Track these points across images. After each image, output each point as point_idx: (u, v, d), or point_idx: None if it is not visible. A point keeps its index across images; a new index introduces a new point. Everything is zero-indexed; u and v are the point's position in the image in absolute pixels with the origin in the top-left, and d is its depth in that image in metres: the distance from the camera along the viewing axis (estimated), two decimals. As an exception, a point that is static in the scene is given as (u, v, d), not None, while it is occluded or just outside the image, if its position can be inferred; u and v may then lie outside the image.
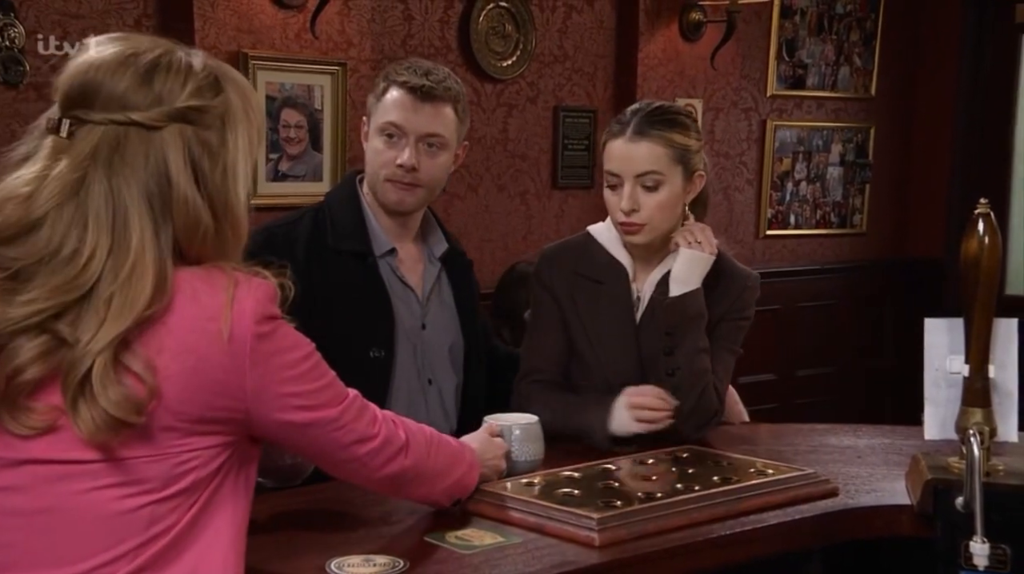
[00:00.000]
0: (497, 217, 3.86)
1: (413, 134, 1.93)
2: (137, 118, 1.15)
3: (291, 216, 2.07)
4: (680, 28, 4.13)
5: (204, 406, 1.14)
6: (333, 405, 1.26)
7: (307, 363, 1.23)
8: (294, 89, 3.39)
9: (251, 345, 1.15)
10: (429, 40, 3.69)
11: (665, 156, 1.92)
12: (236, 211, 1.21)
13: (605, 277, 2.02)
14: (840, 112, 4.70)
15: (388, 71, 1.99)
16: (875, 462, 1.83)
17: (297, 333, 1.23)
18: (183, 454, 1.14)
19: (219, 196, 1.19)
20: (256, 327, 1.16)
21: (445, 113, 1.95)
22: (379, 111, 1.96)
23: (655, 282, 2.00)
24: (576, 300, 2.02)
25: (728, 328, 2.00)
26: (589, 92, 4.04)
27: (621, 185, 1.93)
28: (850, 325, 4.74)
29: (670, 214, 1.95)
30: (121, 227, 1.13)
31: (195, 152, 1.17)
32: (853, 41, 4.67)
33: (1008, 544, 1.49)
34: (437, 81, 1.94)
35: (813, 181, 4.63)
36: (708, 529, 1.47)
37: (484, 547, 1.39)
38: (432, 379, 2.02)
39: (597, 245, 2.04)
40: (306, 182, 3.43)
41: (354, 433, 1.28)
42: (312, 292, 1.91)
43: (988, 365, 1.59)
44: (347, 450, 1.29)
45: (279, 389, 1.19)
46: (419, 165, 1.94)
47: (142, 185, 1.15)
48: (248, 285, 1.17)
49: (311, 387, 1.23)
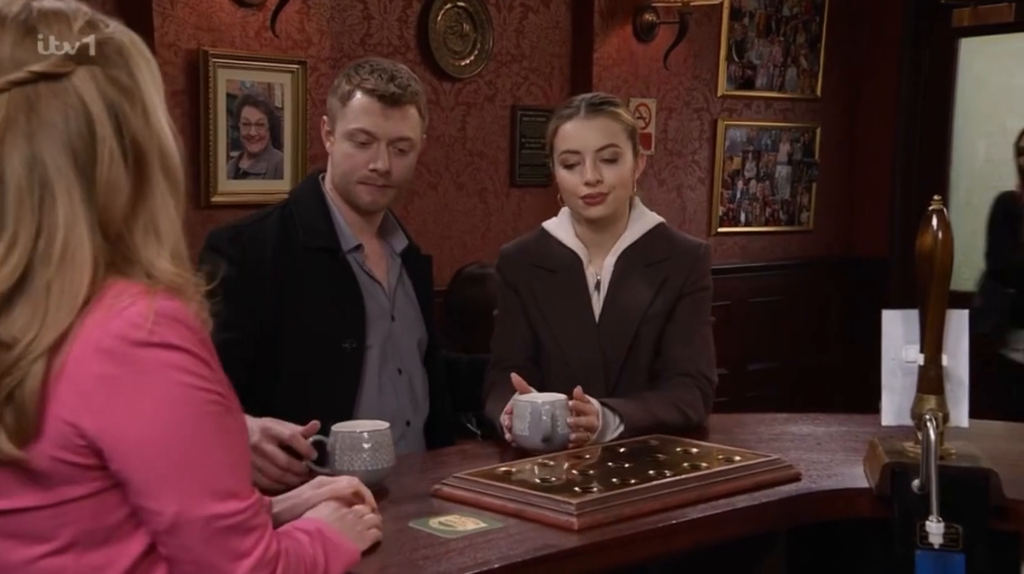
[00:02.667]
0: (456, 215, 3.90)
1: (384, 139, 1.97)
2: (40, 68, 1.05)
3: (257, 215, 2.09)
4: (634, 29, 4.20)
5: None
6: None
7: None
8: (254, 87, 3.39)
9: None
10: (388, 39, 3.71)
11: (619, 131, 2.03)
12: (170, 154, 1.11)
13: (560, 266, 2.09)
14: (788, 112, 4.81)
15: (350, 74, 2.00)
16: (834, 448, 1.90)
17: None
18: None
19: (147, 142, 1.09)
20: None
21: (412, 115, 2.00)
22: (346, 116, 1.98)
23: (612, 263, 2.07)
24: (535, 291, 2.09)
25: (692, 302, 2.06)
26: (546, 91, 4.09)
27: (580, 163, 2.01)
28: (798, 320, 4.85)
29: (627, 187, 2.05)
30: (49, 202, 1.04)
31: (110, 94, 1.07)
32: (799, 43, 4.78)
33: (961, 523, 1.56)
34: (403, 86, 1.98)
35: (762, 180, 4.74)
36: (681, 513, 1.53)
37: (467, 532, 1.43)
38: (402, 369, 2.06)
39: (551, 237, 2.12)
40: (267, 180, 3.43)
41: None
42: (283, 289, 1.94)
43: (941, 354, 1.66)
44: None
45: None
46: (391, 167, 1.98)
47: (65, 143, 1.05)
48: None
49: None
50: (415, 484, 1.67)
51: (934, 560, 1.58)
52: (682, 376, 2.01)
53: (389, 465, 1.65)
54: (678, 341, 2.03)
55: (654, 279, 2.04)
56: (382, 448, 1.63)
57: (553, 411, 1.80)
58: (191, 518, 1.07)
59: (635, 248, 2.07)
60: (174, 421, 1.06)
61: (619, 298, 2.05)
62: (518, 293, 2.11)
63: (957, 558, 1.58)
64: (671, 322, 2.03)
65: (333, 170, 2.04)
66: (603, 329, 2.04)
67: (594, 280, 2.08)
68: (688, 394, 1.99)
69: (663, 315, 2.03)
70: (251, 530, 1.10)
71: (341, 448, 1.63)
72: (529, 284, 2.09)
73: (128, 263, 1.09)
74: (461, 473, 1.63)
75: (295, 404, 1.84)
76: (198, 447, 1.08)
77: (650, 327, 2.03)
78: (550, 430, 1.79)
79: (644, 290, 2.04)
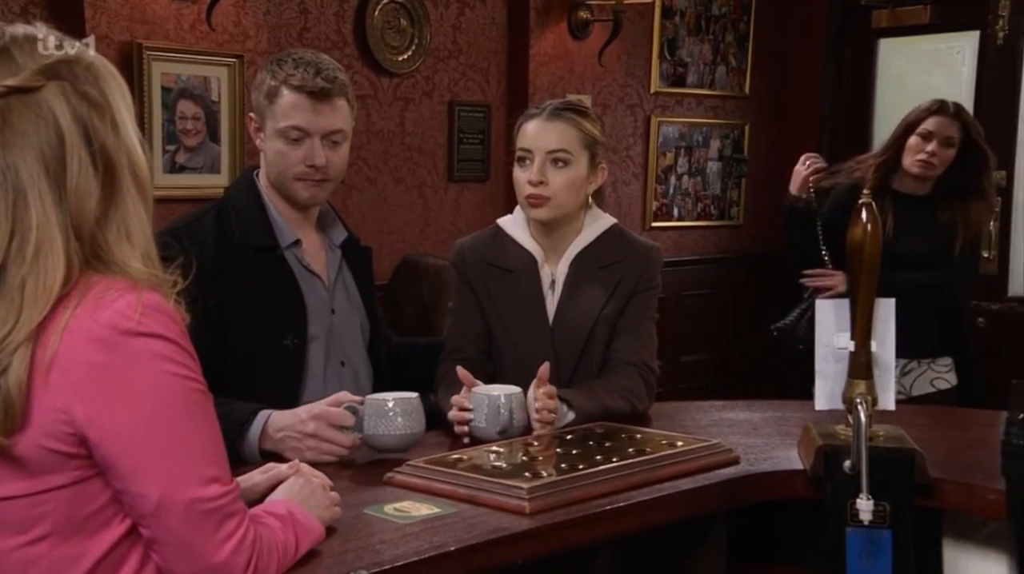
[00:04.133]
0: (395, 209, 3.92)
1: (317, 134, 1.97)
2: (13, 83, 1.13)
3: (193, 215, 2.08)
4: (569, 26, 4.25)
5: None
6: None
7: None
8: (190, 81, 3.36)
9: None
10: (325, 34, 3.70)
11: (575, 139, 2.06)
12: (139, 163, 1.19)
13: (516, 266, 2.13)
14: (718, 109, 4.92)
15: (274, 69, 1.98)
16: (769, 433, 1.98)
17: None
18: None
19: (117, 152, 1.17)
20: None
21: (341, 107, 2.00)
22: (276, 114, 1.97)
23: (568, 265, 2.12)
24: (490, 289, 2.12)
25: (642, 299, 2.13)
26: (483, 87, 4.13)
27: (532, 161, 2.05)
28: (729, 313, 4.97)
29: (574, 194, 2.08)
30: (22, 206, 1.11)
31: (80, 109, 1.15)
32: (728, 42, 4.88)
33: (888, 501, 1.65)
34: (331, 79, 1.96)
35: (694, 175, 4.85)
36: (628, 496, 1.58)
37: (422, 517, 1.47)
38: (345, 361, 2.08)
39: (506, 236, 2.16)
40: (204, 174, 3.41)
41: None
42: (224, 288, 1.94)
43: (871, 341, 1.75)
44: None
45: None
46: (327, 160, 1.99)
47: (37, 152, 1.12)
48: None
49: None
50: (368, 472, 1.70)
51: (863, 536, 1.66)
52: (627, 366, 2.07)
53: (420, 430, 1.78)
54: (625, 333, 2.09)
55: (609, 281, 2.10)
56: (413, 414, 1.76)
57: (510, 404, 1.85)
58: (175, 501, 1.11)
59: (590, 250, 2.12)
60: (160, 407, 1.12)
61: (574, 300, 2.09)
62: (473, 289, 2.14)
63: (884, 534, 1.66)
64: (620, 317, 2.10)
65: (268, 168, 2.03)
66: (556, 330, 2.09)
67: (549, 281, 2.12)
68: (633, 383, 2.06)
69: (616, 316, 2.10)
70: (232, 514, 1.15)
71: (374, 415, 1.75)
72: (484, 282, 2.13)
73: (103, 263, 1.15)
74: (414, 461, 1.66)
75: (241, 400, 1.85)
76: (182, 432, 1.13)
77: (603, 328, 2.09)
78: (507, 422, 1.84)
79: (598, 292, 2.09)
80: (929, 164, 3.04)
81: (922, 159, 3.03)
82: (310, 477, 1.43)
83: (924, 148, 3.02)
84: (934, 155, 3.03)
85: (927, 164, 3.03)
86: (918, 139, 3.04)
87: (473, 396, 1.87)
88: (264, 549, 1.19)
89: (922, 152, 3.03)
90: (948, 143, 3.04)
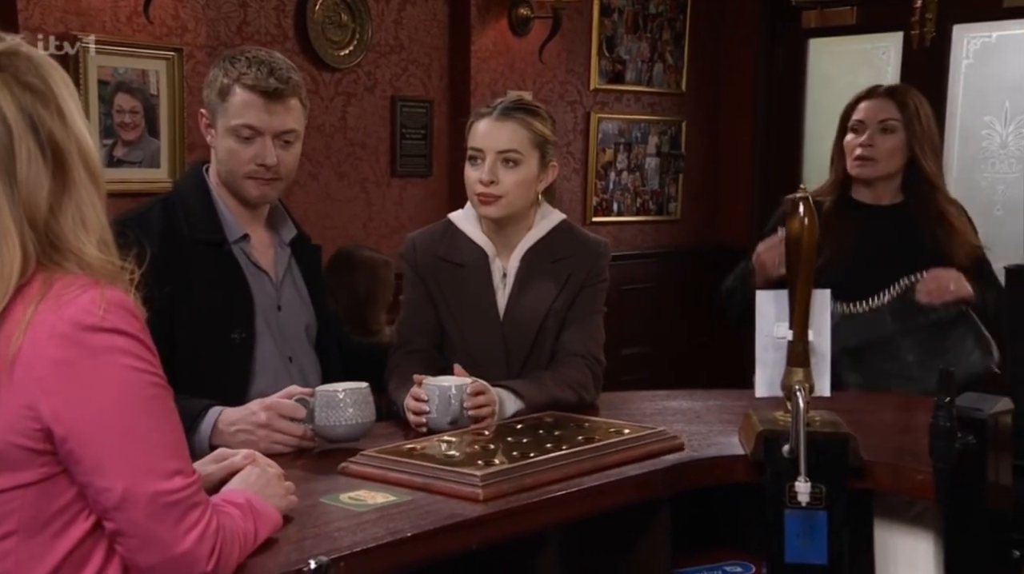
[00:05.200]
0: (338, 204, 3.91)
1: (270, 133, 1.97)
2: None
3: (139, 208, 2.07)
4: (509, 23, 4.29)
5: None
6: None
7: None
8: (128, 74, 3.32)
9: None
10: (265, 28, 3.69)
11: (525, 138, 2.09)
12: (89, 151, 1.19)
13: (467, 260, 2.16)
14: (655, 106, 4.99)
15: (226, 67, 1.98)
16: (711, 420, 2.04)
17: None
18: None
19: (66, 141, 1.17)
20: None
21: (294, 107, 2.00)
22: (227, 112, 1.97)
23: (519, 260, 2.15)
24: (440, 283, 2.15)
25: (590, 293, 2.18)
26: (425, 83, 4.14)
27: (483, 160, 2.08)
28: (668, 306, 5.06)
29: (525, 193, 2.11)
30: None
31: (24, 99, 1.15)
32: (665, 40, 4.97)
33: (824, 483, 1.71)
34: (284, 79, 1.97)
35: (633, 171, 4.93)
36: (578, 482, 1.62)
37: (377, 505, 1.49)
38: (292, 357, 2.09)
39: (457, 230, 2.18)
40: (143, 168, 3.37)
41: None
42: (171, 282, 1.93)
43: (808, 330, 1.81)
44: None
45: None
46: (278, 159, 1.99)
47: None
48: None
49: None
50: (321, 463, 1.72)
51: (801, 517, 1.72)
52: (576, 358, 2.12)
53: (371, 420, 1.80)
54: (573, 326, 2.14)
55: (559, 276, 2.14)
56: (363, 404, 1.79)
57: (461, 395, 1.88)
58: (139, 494, 1.13)
59: (540, 245, 2.16)
60: (123, 402, 1.14)
61: (524, 294, 2.13)
62: (425, 283, 2.16)
63: (820, 515, 1.72)
64: (569, 310, 2.14)
65: (218, 165, 2.03)
66: (507, 324, 2.12)
67: (500, 275, 2.15)
68: (581, 375, 2.11)
69: (566, 309, 2.14)
70: (195, 505, 1.17)
71: (325, 406, 1.77)
72: (435, 276, 2.15)
73: (58, 252, 1.16)
74: (367, 451, 1.68)
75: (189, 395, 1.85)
76: (145, 427, 1.14)
77: (554, 321, 2.13)
78: (458, 413, 1.87)
79: (549, 286, 2.13)
80: (866, 159, 2.52)
81: (858, 155, 2.52)
82: (265, 466, 1.45)
83: (858, 141, 2.53)
84: (870, 146, 2.51)
85: (863, 160, 2.52)
86: (851, 134, 2.56)
87: (425, 387, 1.90)
88: (227, 537, 1.20)
89: (856, 147, 2.53)
90: (886, 128, 2.51)
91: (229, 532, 1.22)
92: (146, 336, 1.17)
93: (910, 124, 2.52)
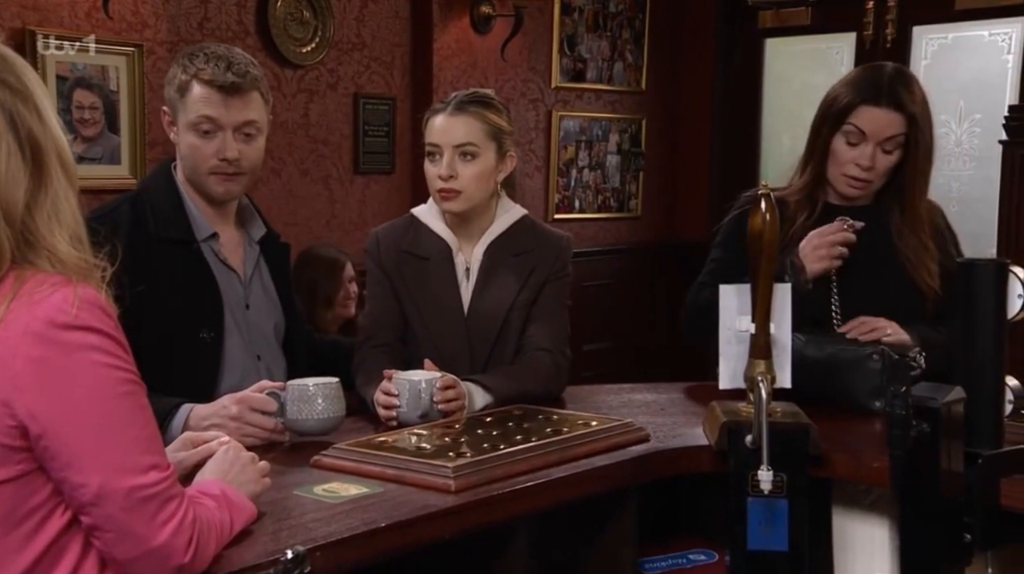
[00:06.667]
0: (301, 201, 3.91)
1: (229, 127, 1.98)
2: None
3: (107, 205, 2.07)
4: (471, 21, 4.31)
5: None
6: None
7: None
8: (87, 70, 3.30)
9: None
10: (227, 24, 3.67)
11: (481, 131, 2.12)
12: (65, 149, 1.20)
13: (430, 253, 2.18)
14: (616, 104, 5.04)
15: (184, 63, 1.99)
16: (676, 412, 2.08)
17: None
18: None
19: (43, 138, 1.18)
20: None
21: (254, 99, 2.01)
22: (187, 107, 1.98)
23: (482, 253, 2.18)
24: (404, 277, 2.17)
25: (555, 288, 2.21)
26: (387, 80, 4.15)
27: (441, 155, 2.10)
28: (629, 302, 5.11)
29: (484, 185, 2.14)
30: None
31: (3, 97, 1.16)
32: (625, 38, 5.02)
33: (785, 472, 1.75)
34: (242, 73, 1.98)
35: (594, 168, 4.97)
36: (547, 473, 1.66)
37: (351, 497, 1.51)
38: (260, 356, 2.10)
39: (421, 224, 2.20)
40: (103, 165, 3.35)
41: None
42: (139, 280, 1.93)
43: (769, 323, 1.86)
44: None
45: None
46: (240, 154, 2.00)
47: None
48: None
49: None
50: (293, 456, 1.74)
51: (763, 505, 1.76)
52: (542, 352, 2.15)
53: (341, 414, 1.83)
54: (539, 320, 2.17)
55: (522, 270, 2.17)
56: (333, 398, 1.82)
57: (431, 389, 1.91)
58: (115, 490, 1.14)
59: (503, 239, 2.18)
60: (97, 399, 1.15)
61: (488, 287, 2.15)
62: (388, 277, 2.18)
63: (781, 503, 1.77)
64: (534, 305, 2.17)
65: (182, 162, 2.04)
66: (472, 318, 2.15)
67: (463, 268, 2.18)
68: (548, 368, 2.15)
69: (530, 303, 2.16)
70: (171, 499, 1.18)
71: (296, 399, 1.79)
72: (399, 270, 2.17)
73: (32, 248, 1.17)
74: (339, 444, 1.70)
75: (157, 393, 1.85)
76: (120, 423, 1.16)
77: (518, 315, 2.16)
78: (428, 406, 1.90)
79: (512, 280, 2.16)
80: (864, 182, 2.18)
81: (854, 175, 2.17)
82: (238, 450, 1.46)
83: (855, 158, 2.16)
84: (870, 168, 2.15)
85: (860, 182, 2.18)
86: (847, 144, 2.16)
87: (396, 382, 1.92)
88: (203, 528, 1.22)
89: (852, 164, 2.16)
90: (890, 147, 2.15)
91: (205, 523, 1.23)
92: (119, 333, 1.18)
93: (917, 140, 2.15)
